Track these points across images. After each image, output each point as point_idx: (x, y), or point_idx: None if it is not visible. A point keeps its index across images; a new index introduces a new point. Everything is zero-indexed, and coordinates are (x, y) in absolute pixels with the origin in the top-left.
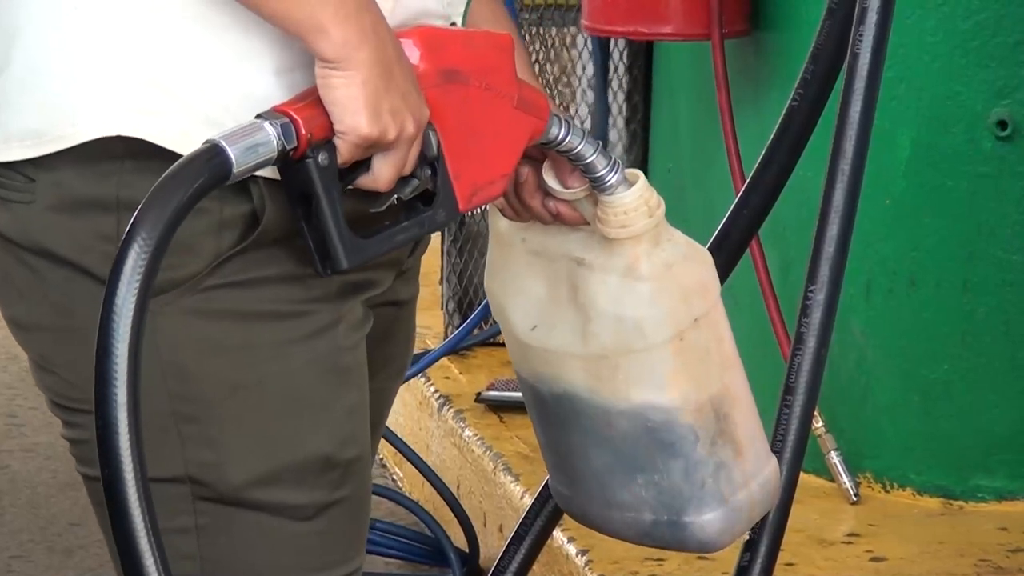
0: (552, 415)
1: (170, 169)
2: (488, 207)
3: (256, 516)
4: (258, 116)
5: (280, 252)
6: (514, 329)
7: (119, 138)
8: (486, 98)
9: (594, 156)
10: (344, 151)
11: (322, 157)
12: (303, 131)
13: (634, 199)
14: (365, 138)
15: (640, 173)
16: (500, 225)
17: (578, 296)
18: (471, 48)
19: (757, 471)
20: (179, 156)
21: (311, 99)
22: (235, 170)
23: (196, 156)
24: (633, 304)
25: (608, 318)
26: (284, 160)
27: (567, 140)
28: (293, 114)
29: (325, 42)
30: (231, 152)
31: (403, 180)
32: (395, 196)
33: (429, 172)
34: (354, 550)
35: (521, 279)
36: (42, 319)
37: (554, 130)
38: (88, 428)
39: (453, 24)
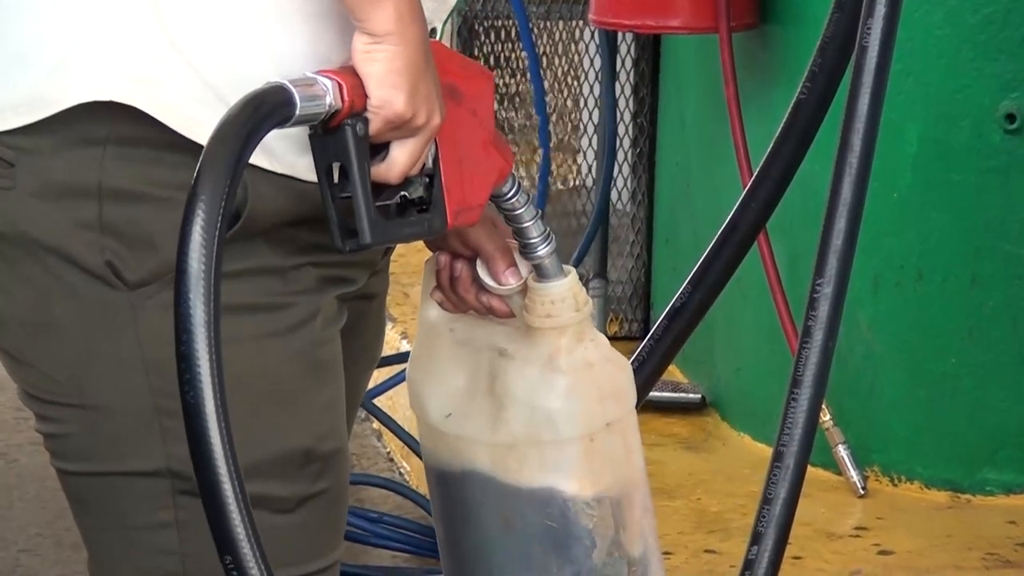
0: (454, 510)
1: (236, 103)
2: (421, 298)
3: None
4: (305, 75)
5: (261, 244)
6: (429, 416)
7: (105, 120)
8: (472, 123)
9: (531, 222)
10: (375, 125)
11: (359, 127)
12: (347, 96)
13: (562, 291)
14: (399, 115)
15: (572, 269)
16: (430, 314)
17: (495, 385)
18: (466, 70)
19: None
20: (163, 138)
21: (349, 71)
22: (297, 112)
23: (261, 92)
24: (548, 396)
25: (522, 407)
26: (323, 125)
27: (514, 198)
28: (337, 78)
29: (381, 13)
30: (296, 94)
31: (406, 180)
32: (400, 193)
33: (426, 180)
34: (333, 543)
35: (444, 368)
36: (18, 309)
37: (508, 183)
38: (66, 422)
39: (433, 30)
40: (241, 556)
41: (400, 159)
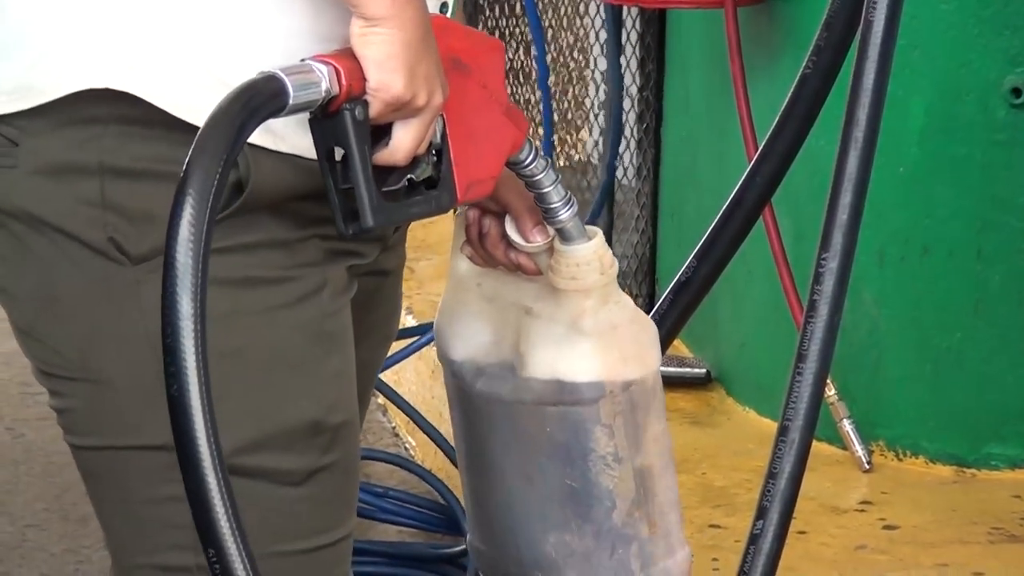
0: (478, 464)
1: (228, 94)
2: (452, 251)
3: (245, 482)
4: (302, 60)
5: (265, 218)
6: (455, 369)
7: (103, 101)
8: (482, 95)
9: (551, 187)
10: (374, 108)
11: (358, 111)
12: (344, 81)
13: (588, 254)
14: (398, 97)
15: (599, 230)
16: (460, 267)
17: (520, 343)
18: (473, 43)
19: (669, 552)
20: (164, 117)
21: (347, 54)
22: (290, 102)
23: (253, 84)
24: (571, 357)
25: (545, 367)
26: (321, 110)
27: (532, 164)
28: (335, 63)
29: None
30: (288, 83)
31: (414, 160)
32: (407, 176)
33: (434, 157)
34: (344, 515)
35: (471, 322)
36: (26, 286)
37: (525, 150)
38: (75, 396)
39: (444, 5)
40: (225, 550)
41: (403, 141)
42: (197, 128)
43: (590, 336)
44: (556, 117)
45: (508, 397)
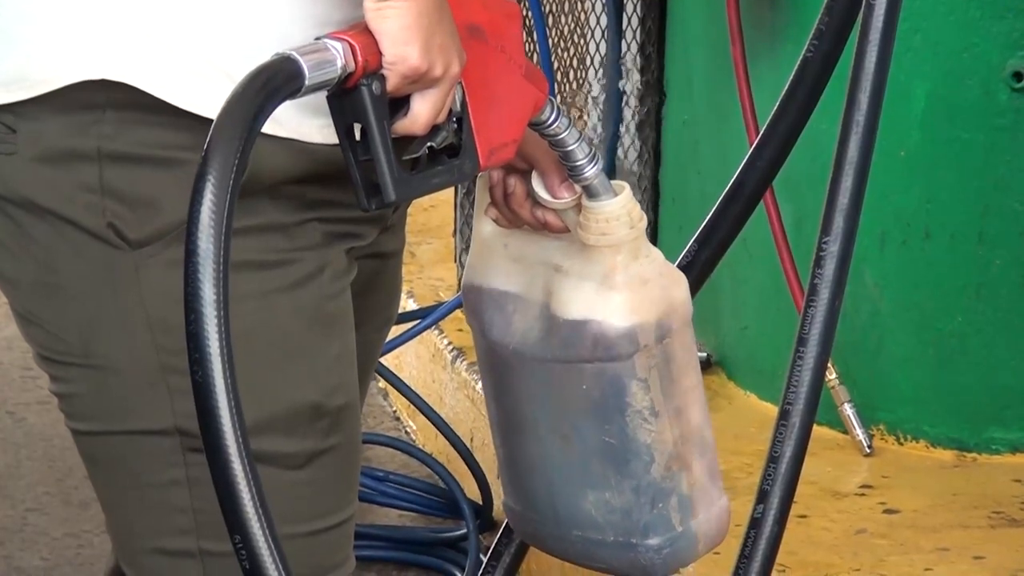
0: (512, 421)
1: (243, 78)
2: (475, 213)
3: None
4: (316, 39)
5: (264, 202)
6: (485, 331)
7: (101, 87)
8: (500, 60)
9: (575, 145)
10: (391, 82)
11: (375, 86)
12: (360, 57)
13: (617, 208)
14: (415, 69)
15: (626, 185)
16: (484, 229)
17: (551, 302)
18: (489, 9)
19: (708, 504)
20: (162, 105)
21: (361, 30)
22: (306, 82)
23: (268, 66)
24: (603, 313)
25: (577, 324)
26: (338, 87)
27: (555, 123)
28: (350, 39)
29: None
30: (303, 64)
31: (435, 128)
32: (427, 144)
33: (455, 125)
34: (347, 498)
35: (499, 283)
36: (26, 271)
37: (547, 110)
38: (76, 382)
39: None
40: (251, 535)
41: (422, 112)
42: (194, 115)
43: (622, 291)
44: (558, 101)
45: (541, 356)
